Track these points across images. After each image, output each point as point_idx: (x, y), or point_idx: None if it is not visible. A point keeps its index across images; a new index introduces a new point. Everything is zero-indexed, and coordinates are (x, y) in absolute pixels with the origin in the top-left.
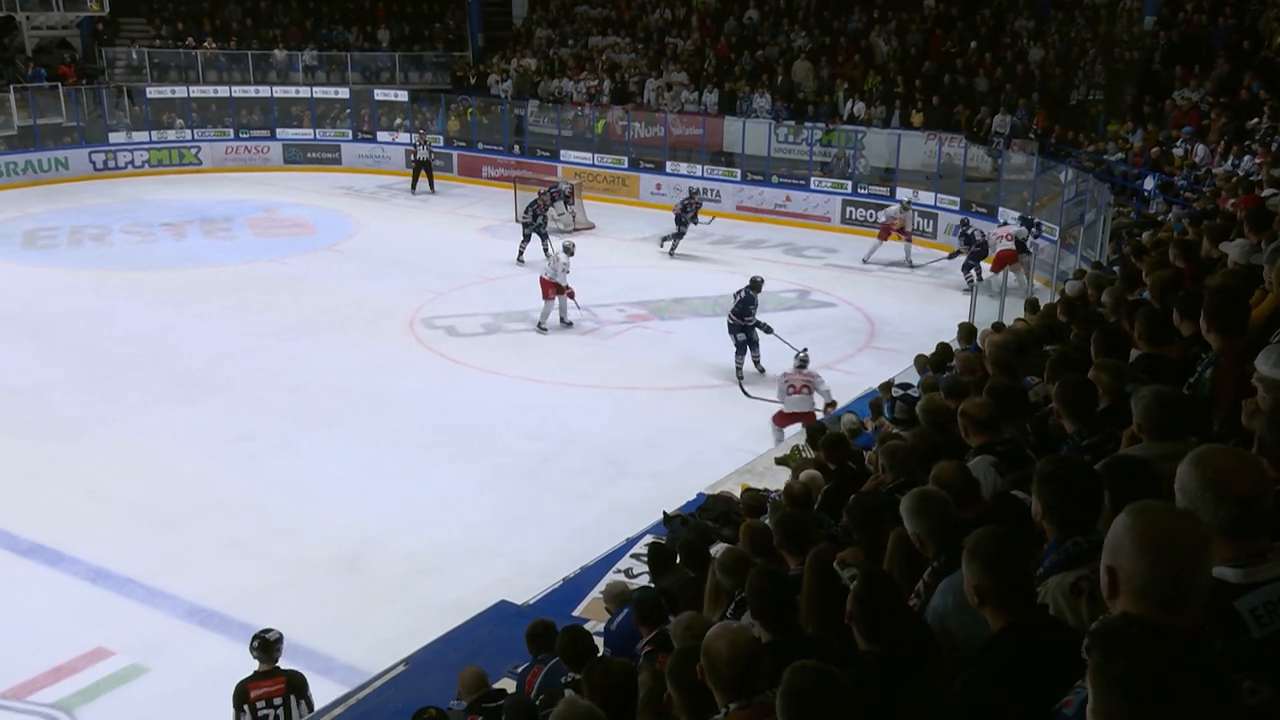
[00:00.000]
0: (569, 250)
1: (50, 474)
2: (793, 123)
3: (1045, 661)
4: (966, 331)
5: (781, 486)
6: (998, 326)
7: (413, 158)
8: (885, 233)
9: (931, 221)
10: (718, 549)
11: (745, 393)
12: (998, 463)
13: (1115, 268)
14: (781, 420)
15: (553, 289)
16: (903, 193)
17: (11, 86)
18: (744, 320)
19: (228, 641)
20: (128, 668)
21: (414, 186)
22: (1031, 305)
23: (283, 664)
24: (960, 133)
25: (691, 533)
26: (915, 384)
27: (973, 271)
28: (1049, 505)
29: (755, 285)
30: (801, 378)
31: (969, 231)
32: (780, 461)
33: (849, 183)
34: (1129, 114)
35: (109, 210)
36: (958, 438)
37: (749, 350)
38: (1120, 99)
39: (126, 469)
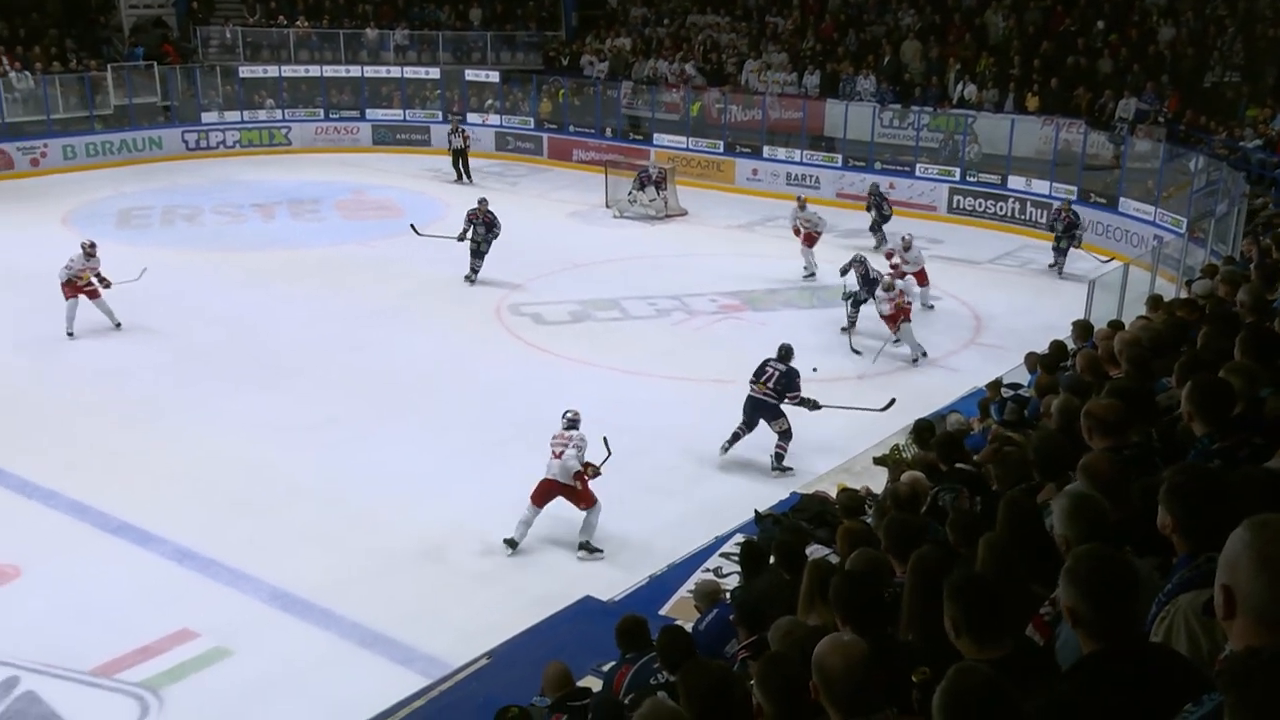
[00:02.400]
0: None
1: (136, 455)
2: (898, 106)
3: (1135, 692)
4: (1082, 329)
5: (879, 488)
6: (1116, 324)
7: (449, 148)
8: (808, 239)
9: (1045, 212)
10: (813, 550)
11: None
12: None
13: (1250, 264)
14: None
15: None
16: (1015, 180)
17: (109, 66)
18: (787, 398)
19: (310, 628)
20: (212, 650)
21: (459, 176)
22: (1154, 302)
23: (363, 653)
24: (1080, 117)
25: (787, 533)
26: (1026, 383)
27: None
28: (1179, 518)
29: (785, 355)
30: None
31: (868, 272)
32: (879, 462)
33: (957, 170)
34: (1270, 97)
35: (200, 190)
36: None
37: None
38: (1260, 81)
39: (210, 452)
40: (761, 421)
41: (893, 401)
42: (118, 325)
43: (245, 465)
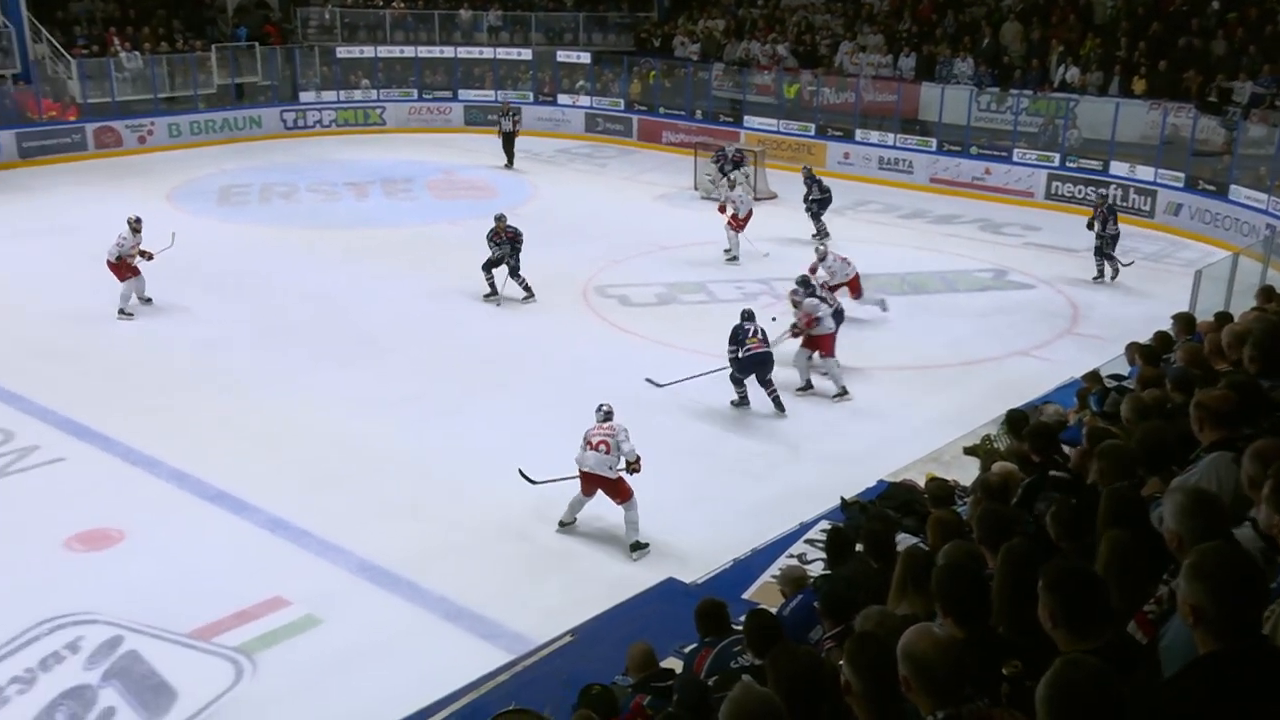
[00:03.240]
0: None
1: (232, 425)
2: (997, 89)
3: (1256, 695)
4: (1185, 321)
5: (968, 479)
6: (1223, 317)
7: (501, 130)
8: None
9: (1150, 199)
10: (901, 539)
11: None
12: (1238, 459)
13: None
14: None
15: None
16: (1117, 166)
17: (213, 46)
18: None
19: (396, 600)
20: (303, 618)
21: (510, 161)
22: (1266, 294)
23: (448, 626)
24: (1190, 101)
25: (876, 521)
26: (1127, 375)
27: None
28: None
29: (749, 316)
30: (602, 432)
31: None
32: (969, 451)
33: (1057, 155)
34: None
35: (297, 168)
36: (1185, 434)
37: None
38: None
39: (302, 425)
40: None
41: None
42: (148, 300)
43: (336, 438)
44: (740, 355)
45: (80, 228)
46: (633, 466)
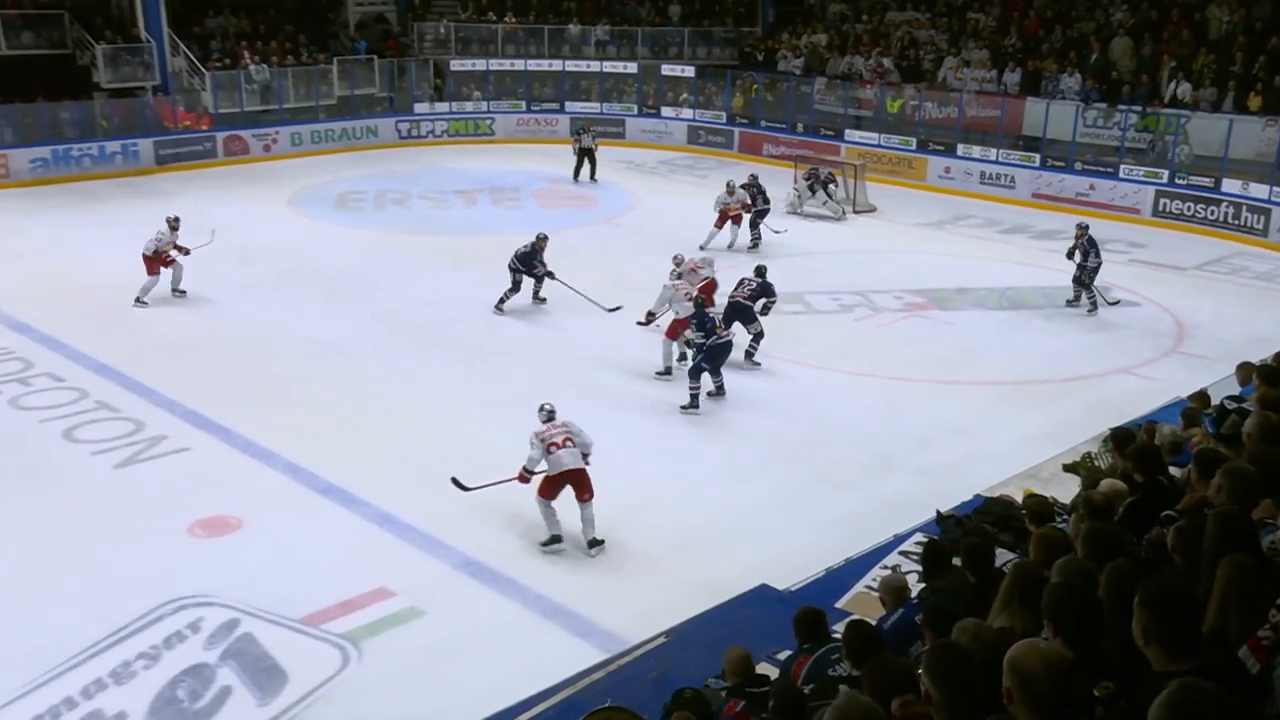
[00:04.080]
0: None
1: (345, 421)
2: (1105, 105)
3: None
4: None
5: (1068, 496)
6: None
7: (577, 146)
8: (723, 219)
9: (1263, 218)
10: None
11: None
12: None
13: None
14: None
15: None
16: (1229, 184)
17: (335, 59)
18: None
19: (496, 595)
20: (406, 609)
21: (576, 175)
22: None
23: (545, 623)
24: None
25: (975, 535)
26: (1241, 395)
27: None
28: None
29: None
30: (559, 431)
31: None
32: (1069, 469)
33: (1166, 171)
34: None
35: (410, 176)
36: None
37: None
38: None
39: (411, 423)
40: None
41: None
42: (182, 293)
43: (443, 437)
44: (709, 342)
45: (208, 230)
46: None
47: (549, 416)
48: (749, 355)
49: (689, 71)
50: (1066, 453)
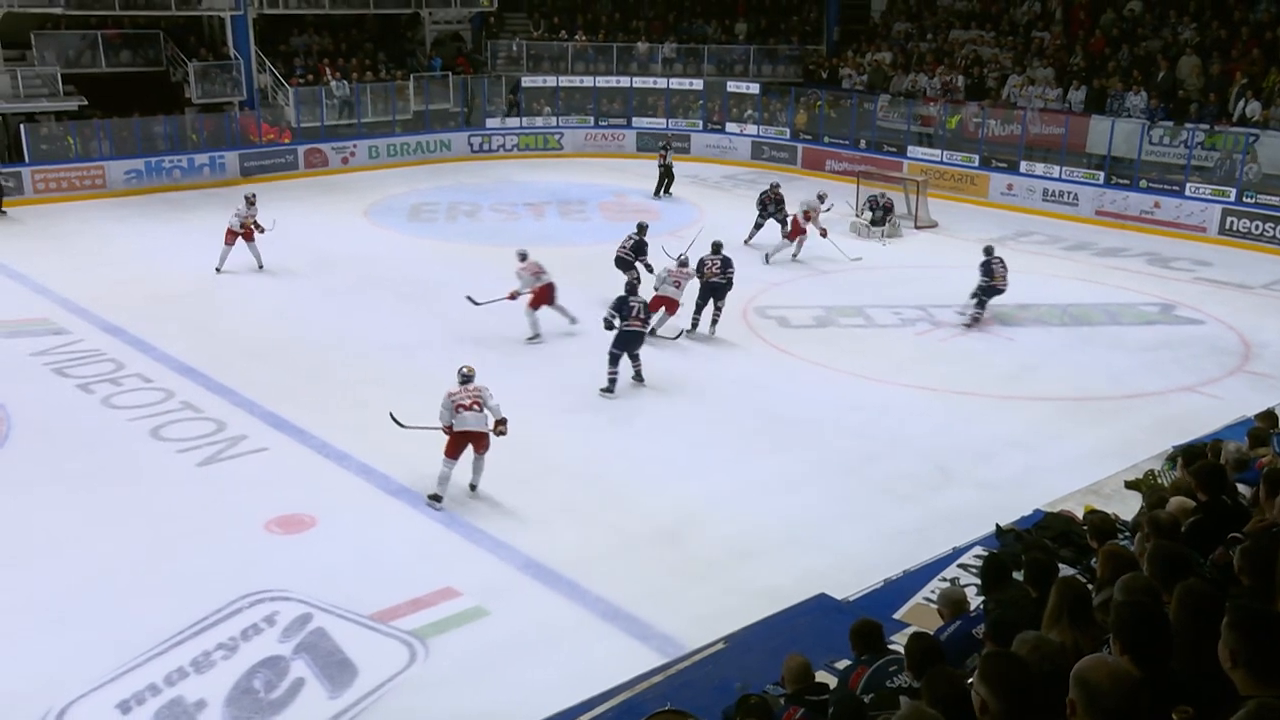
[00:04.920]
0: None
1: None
2: (1171, 123)
3: None
4: None
5: (1130, 513)
6: None
7: (661, 162)
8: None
9: None
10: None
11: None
12: None
13: None
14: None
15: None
16: None
17: (411, 75)
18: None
19: (559, 597)
20: (472, 608)
21: (658, 191)
22: None
23: (606, 625)
24: None
25: (1038, 550)
26: None
27: None
28: None
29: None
30: (470, 394)
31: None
32: (1131, 486)
33: (1233, 190)
34: None
35: (481, 189)
36: None
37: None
38: None
39: None
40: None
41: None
42: (261, 267)
43: (512, 442)
44: (620, 327)
45: (289, 239)
46: (500, 426)
47: (464, 379)
48: (714, 324)
49: (754, 88)
50: (1129, 469)
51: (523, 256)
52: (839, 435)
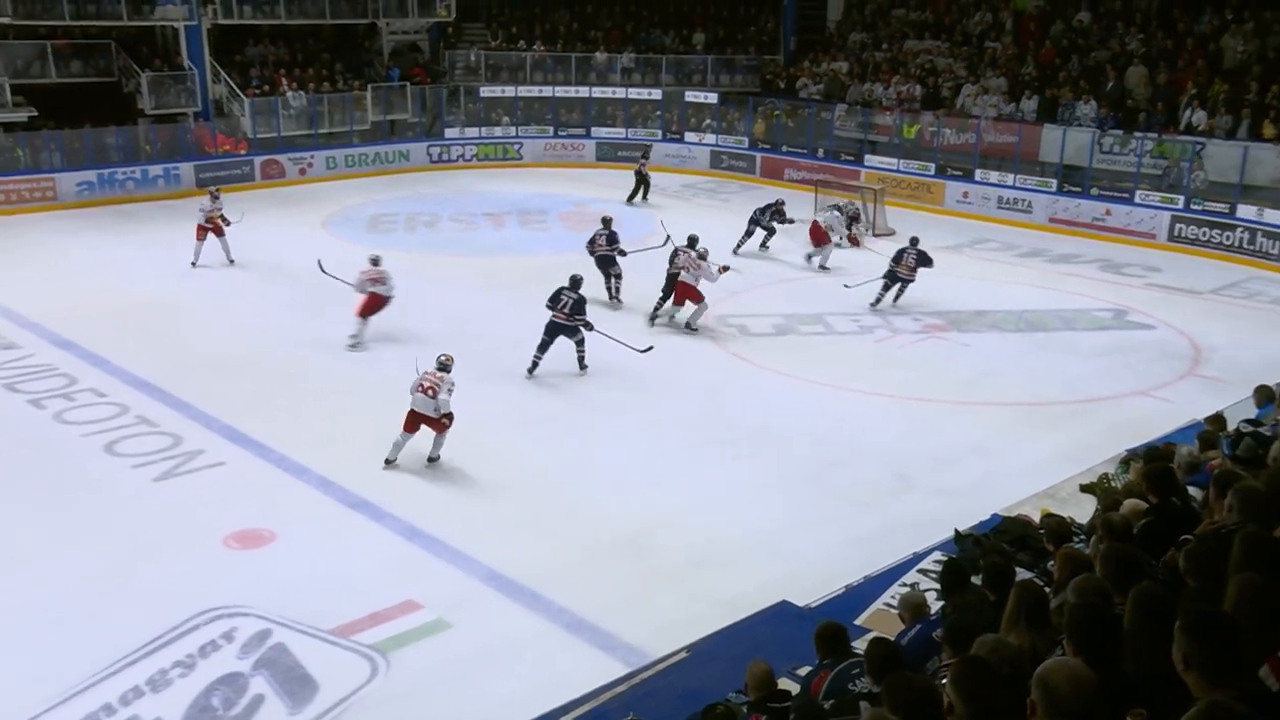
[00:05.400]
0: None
1: (378, 437)
2: (1120, 132)
3: None
4: None
5: (1085, 516)
6: None
7: (638, 170)
8: (680, 297)
9: (1278, 243)
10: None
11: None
12: None
13: None
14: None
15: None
16: (1244, 209)
17: (369, 86)
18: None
19: (521, 608)
20: (434, 621)
21: (631, 198)
22: None
23: (570, 637)
24: None
25: (995, 555)
26: (1255, 418)
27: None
28: None
29: (576, 284)
30: (431, 379)
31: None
32: (1086, 489)
33: (1181, 197)
34: None
35: (440, 199)
36: None
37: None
38: None
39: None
40: (561, 337)
41: (650, 348)
42: (231, 262)
43: (468, 453)
44: (550, 317)
45: (246, 250)
46: (443, 419)
47: (440, 366)
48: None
49: (712, 98)
50: (1084, 473)
51: (374, 261)
52: (800, 443)
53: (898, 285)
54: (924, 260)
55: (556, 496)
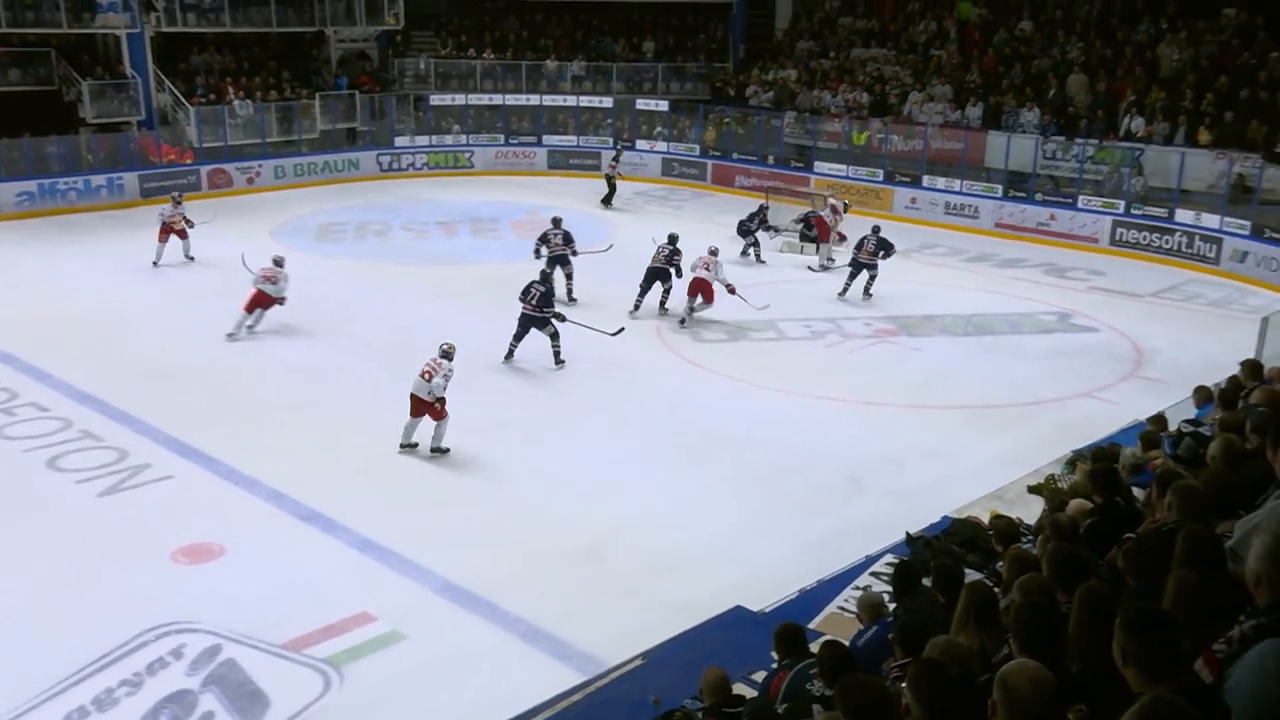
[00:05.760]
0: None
1: (326, 447)
2: (1062, 138)
3: None
4: (1252, 369)
5: (1033, 517)
6: None
7: (609, 173)
8: (693, 289)
9: (1215, 247)
10: (967, 575)
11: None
12: None
13: None
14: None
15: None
16: (1182, 214)
17: (317, 94)
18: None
19: (476, 619)
20: (388, 633)
21: (606, 200)
22: None
23: (525, 646)
24: (1256, 152)
25: (945, 556)
26: (1195, 418)
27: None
28: None
29: (545, 279)
30: (430, 364)
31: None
32: (1033, 490)
33: (1121, 202)
34: None
35: (391, 208)
36: (1256, 479)
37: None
38: None
39: (392, 448)
40: (533, 329)
41: (621, 330)
42: (191, 259)
43: (423, 463)
44: (522, 309)
45: (193, 261)
46: (435, 404)
47: (442, 354)
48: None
49: (663, 106)
50: (1031, 475)
51: (277, 262)
52: (753, 448)
53: (863, 273)
54: (884, 246)
55: (511, 505)
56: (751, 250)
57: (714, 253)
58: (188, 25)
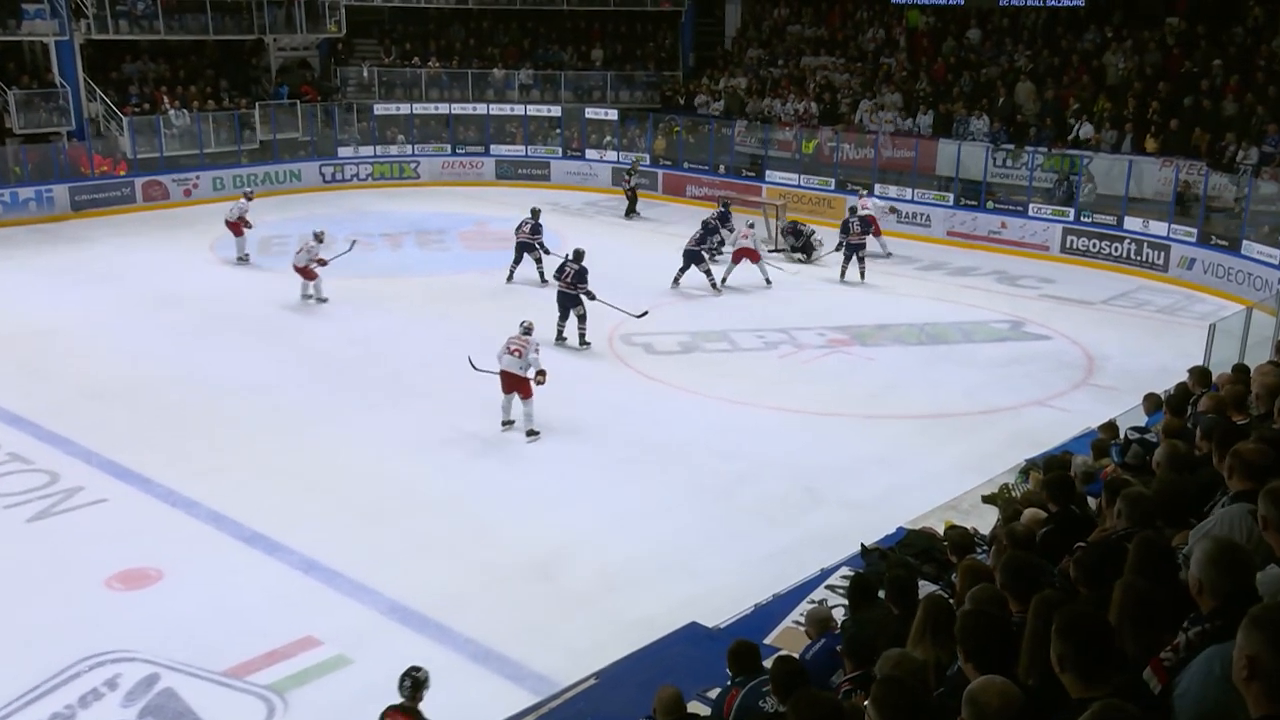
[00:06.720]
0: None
1: (268, 467)
2: (1012, 146)
3: None
4: (1201, 375)
5: (987, 526)
6: (1241, 370)
7: (626, 185)
8: (738, 256)
9: (1163, 254)
10: (921, 587)
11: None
12: (1254, 511)
13: None
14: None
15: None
16: (1131, 221)
17: (256, 104)
18: (579, 288)
19: (426, 640)
20: (334, 658)
21: (628, 213)
22: None
23: (476, 667)
24: (1200, 159)
25: (899, 568)
26: (1146, 425)
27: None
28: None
29: (579, 256)
30: (518, 341)
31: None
32: (987, 500)
33: (1071, 210)
34: None
35: (334, 220)
36: (1205, 485)
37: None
38: None
39: (340, 466)
40: (570, 310)
41: (646, 313)
42: (245, 258)
43: (370, 480)
44: (558, 288)
45: (128, 276)
46: (539, 376)
47: (524, 330)
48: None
49: (612, 115)
50: (985, 484)
51: (318, 237)
52: (708, 459)
53: (855, 255)
54: (866, 225)
55: (460, 522)
56: (718, 248)
57: (752, 225)
58: (120, 32)
